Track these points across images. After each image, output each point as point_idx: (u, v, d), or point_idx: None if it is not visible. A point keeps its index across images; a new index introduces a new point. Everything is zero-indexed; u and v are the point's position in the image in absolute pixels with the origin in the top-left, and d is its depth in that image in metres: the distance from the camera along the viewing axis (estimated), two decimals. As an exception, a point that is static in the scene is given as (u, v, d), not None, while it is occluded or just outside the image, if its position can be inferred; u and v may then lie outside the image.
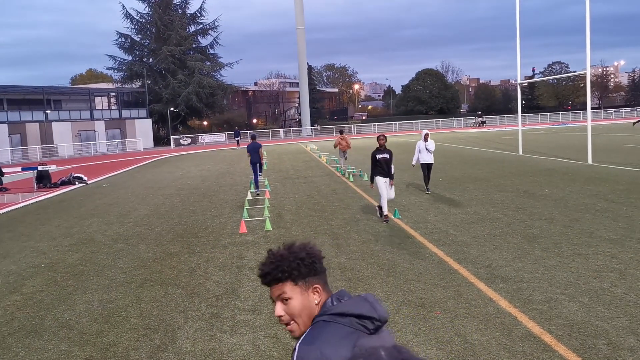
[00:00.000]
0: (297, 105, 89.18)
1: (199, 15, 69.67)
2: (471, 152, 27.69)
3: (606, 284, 6.38)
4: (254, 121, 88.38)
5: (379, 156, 10.72)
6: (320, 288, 1.77)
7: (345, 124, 75.77)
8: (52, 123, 51.31)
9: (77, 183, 22.12)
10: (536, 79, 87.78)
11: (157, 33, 65.83)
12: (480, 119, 69.27)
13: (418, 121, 72.33)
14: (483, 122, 68.36)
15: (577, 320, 5.38)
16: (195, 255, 9.05)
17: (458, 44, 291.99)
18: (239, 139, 48.98)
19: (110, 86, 67.99)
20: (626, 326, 5.17)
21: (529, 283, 6.57)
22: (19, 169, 23.87)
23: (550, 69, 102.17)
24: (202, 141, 60.24)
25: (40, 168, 21.80)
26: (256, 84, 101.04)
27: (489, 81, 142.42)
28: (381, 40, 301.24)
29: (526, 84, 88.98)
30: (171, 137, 58.77)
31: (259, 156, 17.43)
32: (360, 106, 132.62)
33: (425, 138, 14.25)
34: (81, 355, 5.31)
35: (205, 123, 76.89)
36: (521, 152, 24.96)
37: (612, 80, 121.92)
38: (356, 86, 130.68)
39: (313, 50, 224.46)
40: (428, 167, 14.32)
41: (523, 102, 74.38)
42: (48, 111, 51.62)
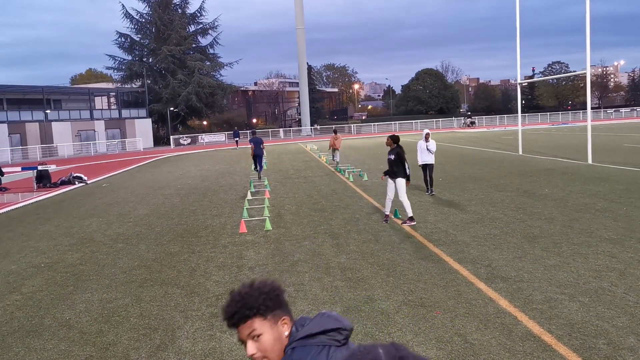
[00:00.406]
0: (297, 105, 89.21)
1: (199, 15, 69.71)
2: (471, 152, 27.69)
3: (606, 284, 6.38)
4: (254, 121, 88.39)
5: (388, 157, 10.75)
6: (288, 319, 1.78)
7: (345, 124, 75.78)
8: (52, 123, 51.29)
9: (77, 183, 22.12)
10: (536, 79, 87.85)
11: (157, 33, 65.82)
12: (469, 120, 69.05)
13: (418, 121, 72.32)
14: (472, 123, 68.10)
15: (577, 319, 5.38)
16: (195, 255, 9.05)
17: (458, 44, 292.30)
18: (238, 139, 48.57)
19: (110, 86, 67.96)
20: (626, 326, 5.17)
21: (529, 283, 6.57)
22: (19, 169, 23.86)
23: (550, 69, 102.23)
24: (202, 141, 60.23)
25: (40, 168, 21.78)
26: (256, 84, 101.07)
27: (489, 81, 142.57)
28: (381, 40, 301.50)
29: (526, 84, 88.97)
30: (171, 137, 58.76)
31: (261, 149, 18.93)
32: (360, 106, 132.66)
33: (426, 138, 14.07)
34: (81, 354, 5.31)
35: (205, 123, 76.90)
36: (521, 152, 24.96)
37: (612, 80, 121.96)
38: (356, 86, 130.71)
39: (313, 50, 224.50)
40: (429, 168, 14.15)
41: (523, 102, 74.36)
42: (48, 111, 51.60)
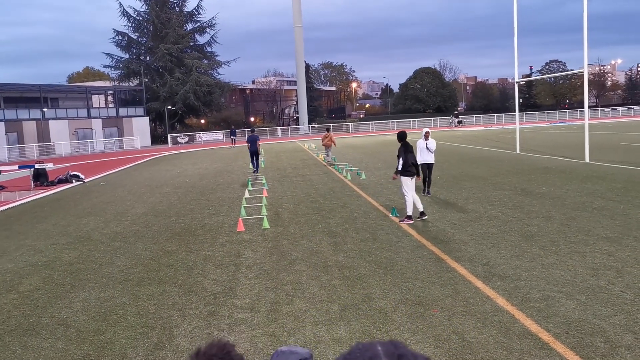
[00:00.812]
0: (295, 103, 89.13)
1: (197, 13, 69.60)
2: (469, 151, 27.71)
3: (603, 282, 6.39)
4: (252, 119, 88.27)
5: None
6: None
7: (342, 123, 75.75)
8: (49, 121, 51.18)
9: (74, 181, 22.07)
10: (534, 78, 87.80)
11: (155, 31, 65.70)
12: (457, 119, 68.93)
13: (416, 119, 72.34)
14: (460, 122, 67.96)
15: (575, 318, 5.39)
16: (192, 253, 9.04)
17: (456, 42, 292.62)
18: (235, 138, 48.01)
19: (107, 84, 67.84)
20: (623, 324, 5.18)
21: (527, 281, 6.58)
22: (16, 167, 23.79)
23: (547, 68, 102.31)
24: (200, 139, 60.17)
25: (37, 166, 21.74)
26: (254, 82, 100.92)
27: (487, 80, 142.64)
28: (379, 38, 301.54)
29: (524, 83, 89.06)
30: (168, 136, 58.65)
31: (257, 146, 21.03)
32: (357, 104, 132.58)
33: (426, 137, 13.78)
34: (78, 353, 5.30)
35: (202, 121, 76.79)
36: (518, 151, 24.98)
37: (610, 78, 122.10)
38: (354, 84, 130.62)
39: (311, 48, 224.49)
40: (428, 167, 13.90)
41: (520, 101, 74.53)
42: (45, 109, 51.47)
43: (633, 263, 7.06)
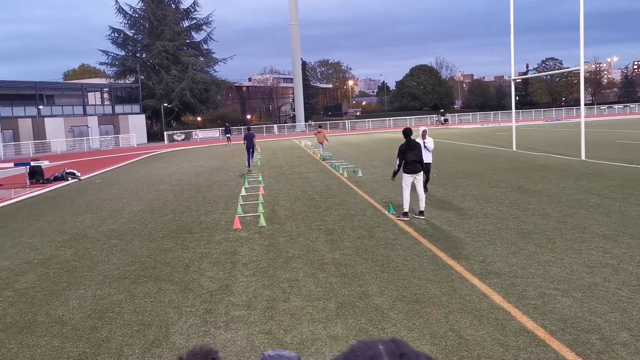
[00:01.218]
0: (291, 101, 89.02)
1: (193, 10, 69.29)
2: (465, 148, 27.75)
3: (599, 279, 6.41)
4: (248, 117, 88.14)
5: None
6: None
7: (339, 120, 75.72)
8: (45, 118, 50.98)
9: (70, 179, 22.00)
10: (530, 75, 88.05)
11: (150, 28, 65.43)
12: (443, 117, 68.86)
13: (412, 117, 72.36)
14: (446, 120, 67.85)
15: (571, 315, 5.40)
16: (189, 251, 9.03)
17: (452, 40, 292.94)
18: (230, 136, 47.45)
19: (103, 81, 67.61)
20: (619, 321, 5.20)
21: (523, 278, 6.59)
22: (12, 165, 23.70)
23: (544, 65, 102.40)
24: (196, 137, 60.06)
25: (32, 164, 21.66)
26: (250, 80, 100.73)
27: (483, 77, 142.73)
28: (375, 35, 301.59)
29: (520, 80, 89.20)
30: (165, 133, 58.53)
31: (253, 143, 23.17)
32: (354, 102, 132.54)
33: (423, 135, 13.32)
34: (74, 351, 5.29)
35: (199, 119, 76.64)
36: (515, 148, 25.02)
37: (606, 76, 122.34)
38: (350, 82, 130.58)
39: (307, 45, 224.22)
40: (426, 168, 13.06)
41: (517, 98, 74.49)
42: (41, 106, 51.27)
43: (629, 260, 7.08)
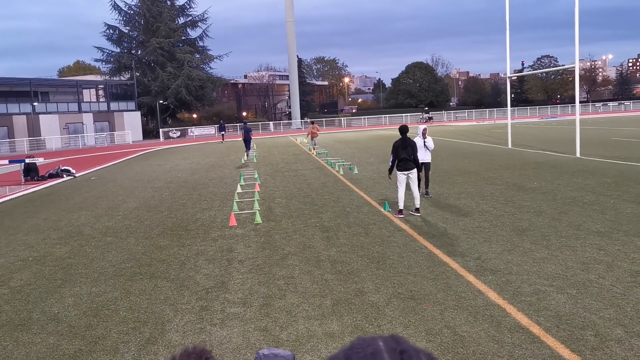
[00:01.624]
0: (287, 98, 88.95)
1: (188, 7, 69.17)
2: (461, 145, 27.79)
3: (594, 276, 6.44)
4: (244, 114, 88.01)
5: None
6: None
7: (335, 117, 75.68)
8: (40, 115, 50.78)
9: (65, 176, 21.94)
10: (525, 73, 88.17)
11: (146, 25, 65.23)
12: (427, 115, 68.83)
13: (408, 114, 72.39)
14: (430, 118, 67.80)
15: (565, 311, 5.43)
16: (184, 248, 9.02)
17: (448, 37, 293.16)
18: (224, 133, 47.24)
19: (98, 78, 67.35)
20: (613, 317, 5.22)
21: (518, 275, 6.62)
22: (6, 162, 23.63)
23: (539, 63, 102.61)
24: (192, 134, 59.97)
25: (27, 161, 21.59)
26: (246, 77, 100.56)
27: (479, 74, 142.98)
28: (372, 32, 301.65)
29: (515, 78, 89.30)
30: (160, 130, 58.40)
31: (250, 136, 26.68)
32: (350, 99, 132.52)
33: (423, 134, 12.76)
34: (70, 348, 5.28)
35: (194, 116, 76.50)
36: (510, 146, 25.08)
37: (601, 74, 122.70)
38: (346, 79, 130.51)
39: (303, 42, 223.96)
40: (425, 167, 12.85)
41: (512, 96, 74.65)
42: (35, 103, 51.07)
43: (623, 257, 7.12)
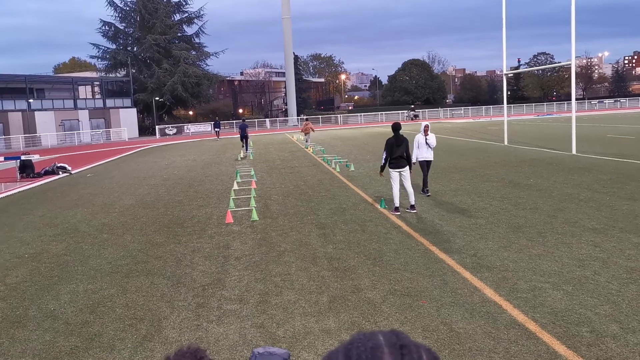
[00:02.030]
0: (284, 95, 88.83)
1: (184, 3, 68.83)
2: (457, 142, 27.82)
3: (589, 273, 6.46)
4: (240, 111, 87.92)
5: None
6: None
7: (331, 114, 75.63)
8: (35, 112, 50.56)
9: (61, 173, 21.87)
10: (522, 70, 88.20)
11: (142, 21, 65.00)
12: (412, 113, 68.78)
13: (404, 112, 72.41)
14: (416, 116, 67.73)
15: (561, 308, 5.45)
16: (181, 245, 9.01)
17: (445, 34, 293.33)
18: (219, 130, 47.09)
19: (94, 75, 67.11)
20: (609, 314, 5.25)
21: (514, 272, 6.64)
22: (2, 159, 23.54)
23: (535, 60, 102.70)
24: (188, 131, 59.82)
25: (23, 158, 21.53)
26: (242, 74, 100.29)
27: (475, 72, 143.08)
28: (368, 29, 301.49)
29: (512, 75, 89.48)
30: (156, 127, 58.21)
31: (246, 132, 27.69)
32: (346, 96, 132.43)
33: (425, 131, 12.44)
34: (66, 345, 5.27)
35: (190, 113, 76.33)
36: (506, 143, 25.12)
37: (596, 71, 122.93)
38: (342, 76, 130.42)
39: (299, 39, 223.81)
40: (427, 165, 12.62)
41: (508, 93, 74.65)
42: (31, 100, 50.83)
43: (619, 254, 7.14)
